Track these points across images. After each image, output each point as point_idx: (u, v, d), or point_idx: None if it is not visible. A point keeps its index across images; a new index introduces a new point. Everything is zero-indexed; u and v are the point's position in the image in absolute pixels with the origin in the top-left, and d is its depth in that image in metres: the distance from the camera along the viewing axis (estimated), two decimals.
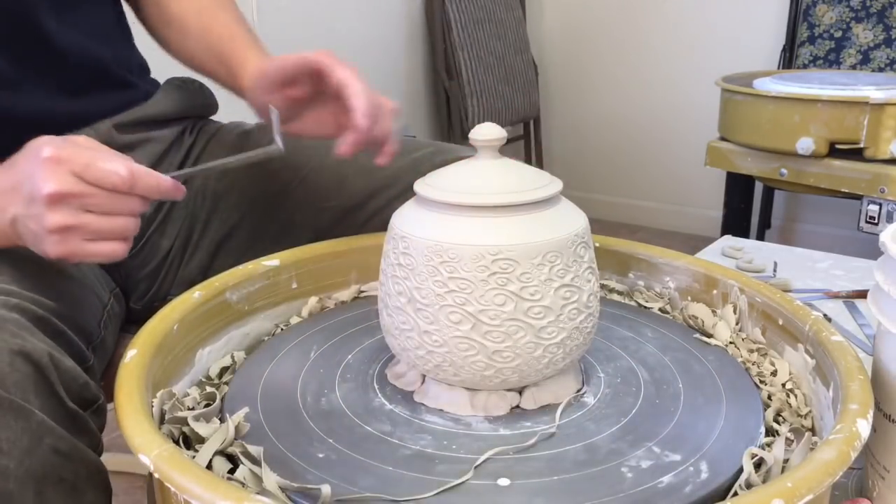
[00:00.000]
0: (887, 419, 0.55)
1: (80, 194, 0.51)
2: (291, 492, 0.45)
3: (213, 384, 0.61)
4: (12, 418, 0.46)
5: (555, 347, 0.53)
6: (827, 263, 1.18)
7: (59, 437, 0.49)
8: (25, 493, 0.47)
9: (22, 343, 0.49)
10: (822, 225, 2.41)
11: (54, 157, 0.51)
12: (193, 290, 0.63)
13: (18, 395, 0.47)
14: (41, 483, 0.48)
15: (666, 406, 0.55)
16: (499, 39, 2.39)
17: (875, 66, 2.16)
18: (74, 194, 0.51)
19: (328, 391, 0.57)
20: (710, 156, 1.82)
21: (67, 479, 0.50)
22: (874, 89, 1.52)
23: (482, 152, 0.56)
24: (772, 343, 0.64)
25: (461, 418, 0.54)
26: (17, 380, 0.47)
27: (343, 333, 0.66)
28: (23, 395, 0.47)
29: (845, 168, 1.57)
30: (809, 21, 2.22)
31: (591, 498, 0.45)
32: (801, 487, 0.40)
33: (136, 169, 0.53)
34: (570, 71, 2.73)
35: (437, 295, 0.51)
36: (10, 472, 0.46)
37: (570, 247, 0.53)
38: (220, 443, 0.49)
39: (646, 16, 2.57)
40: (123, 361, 0.52)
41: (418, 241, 0.52)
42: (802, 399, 0.58)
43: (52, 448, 0.48)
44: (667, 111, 2.59)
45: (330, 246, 0.74)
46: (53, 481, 0.48)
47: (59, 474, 0.49)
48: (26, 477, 0.47)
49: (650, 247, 0.75)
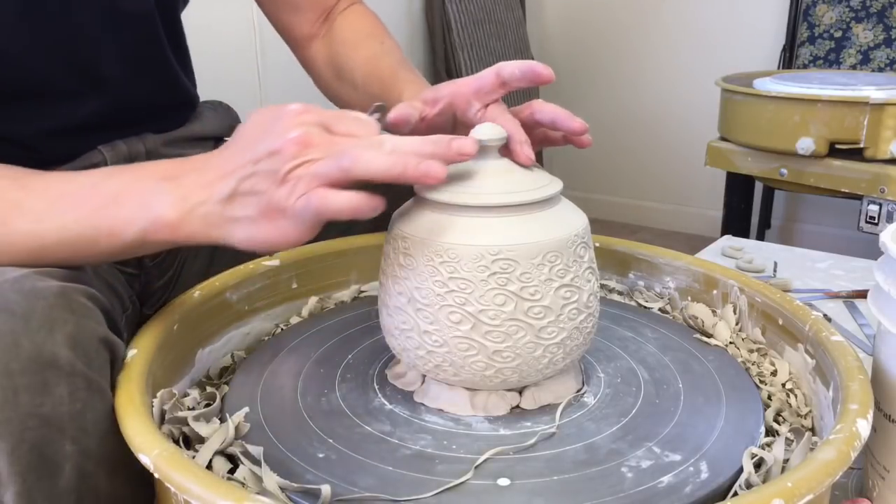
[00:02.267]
0: (887, 419, 0.55)
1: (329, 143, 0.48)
2: (291, 492, 0.45)
3: (213, 384, 0.61)
4: (97, 401, 0.48)
5: (555, 347, 0.53)
6: (827, 263, 1.18)
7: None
8: (100, 475, 0.48)
9: (105, 332, 0.50)
10: (822, 225, 2.42)
11: (301, 108, 0.49)
12: (193, 289, 0.63)
13: (102, 380, 0.49)
14: (114, 466, 0.49)
15: (666, 406, 0.55)
16: (499, 39, 2.40)
17: (875, 66, 2.16)
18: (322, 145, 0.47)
19: (328, 391, 0.57)
20: (710, 156, 1.82)
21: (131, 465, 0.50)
22: (874, 89, 1.52)
23: (482, 152, 0.56)
24: (772, 343, 0.64)
25: (461, 418, 0.54)
26: (101, 365, 0.49)
27: (343, 333, 0.66)
28: (104, 380, 0.49)
29: (845, 168, 1.57)
30: (809, 21, 2.23)
31: (591, 498, 0.45)
32: (801, 487, 0.40)
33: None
34: (570, 71, 2.73)
35: (437, 295, 0.51)
36: (91, 452, 0.47)
37: (570, 247, 0.53)
38: (220, 443, 0.49)
39: (646, 16, 2.57)
40: (124, 361, 0.52)
41: (418, 241, 0.52)
42: (802, 399, 0.58)
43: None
44: (667, 111, 2.59)
45: (330, 246, 0.74)
46: (122, 466, 0.49)
47: (126, 460, 0.49)
48: (103, 459, 0.48)
49: (650, 247, 0.75)
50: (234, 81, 1.71)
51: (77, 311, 0.48)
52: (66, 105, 0.68)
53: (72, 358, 0.46)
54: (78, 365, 0.47)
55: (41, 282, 0.48)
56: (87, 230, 0.51)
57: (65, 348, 0.46)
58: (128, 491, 0.51)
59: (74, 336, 0.47)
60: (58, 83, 0.68)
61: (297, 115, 0.49)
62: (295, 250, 0.72)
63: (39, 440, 0.45)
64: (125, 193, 0.51)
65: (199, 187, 0.50)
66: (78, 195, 0.52)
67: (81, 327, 0.48)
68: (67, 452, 0.46)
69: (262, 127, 0.50)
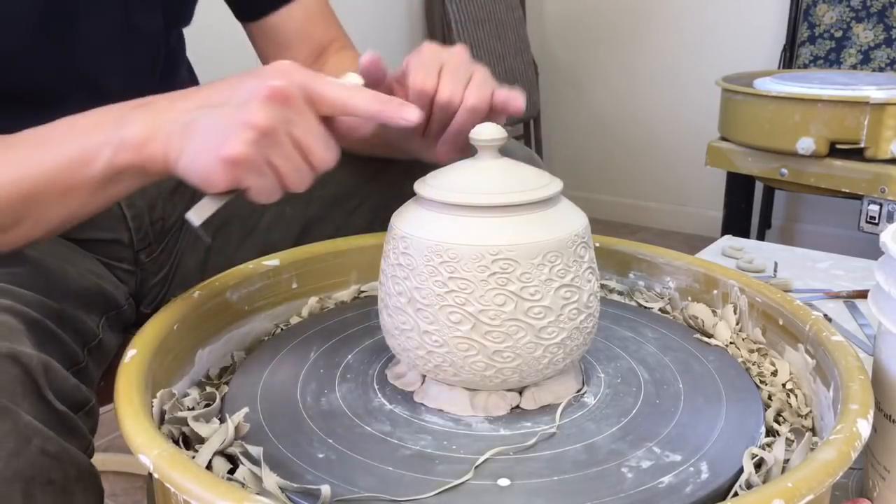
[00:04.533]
0: (887, 419, 0.55)
1: (298, 108, 0.51)
2: (291, 492, 0.45)
3: (213, 384, 0.61)
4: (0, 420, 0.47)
5: (555, 347, 0.53)
6: (827, 263, 1.18)
7: (47, 439, 0.49)
8: (13, 494, 0.47)
9: (10, 346, 0.49)
10: (822, 225, 2.42)
11: (291, 65, 0.52)
12: (193, 289, 0.63)
13: (6, 398, 0.47)
14: (29, 484, 0.47)
15: (666, 406, 0.55)
16: (499, 39, 2.40)
17: (875, 66, 2.16)
18: (294, 103, 0.51)
19: (328, 391, 0.57)
20: (710, 156, 1.82)
21: (57, 480, 0.49)
22: (875, 89, 1.52)
23: (482, 152, 0.56)
24: (772, 343, 0.64)
25: (461, 418, 0.54)
26: (5, 382, 0.47)
27: (343, 333, 0.66)
28: (10, 398, 0.47)
29: (846, 168, 1.57)
30: (810, 21, 2.23)
31: (591, 498, 0.45)
32: (802, 487, 0.40)
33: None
34: (570, 71, 2.73)
35: (437, 295, 0.51)
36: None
37: (570, 247, 0.53)
38: (219, 443, 0.49)
39: (646, 16, 2.57)
40: (123, 361, 0.52)
41: (418, 241, 0.52)
42: (803, 399, 0.58)
43: (41, 449, 0.48)
44: (667, 111, 2.59)
45: (330, 246, 0.74)
46: (42, 482, 0.48)
47: (48, 476, 0.49)
48: (14, 478, 0.47)
49: (650, 247, 0.75)
50: None
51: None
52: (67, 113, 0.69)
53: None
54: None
55: None
56: (64, 162, 0.53)
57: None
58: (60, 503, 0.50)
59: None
60: (59, 91, 0.68)
61: (283, 69, 0.52)
62: (295, 250, 0.72)
63: None
64: (100, 123, 0.54)
65: (170, 106, 0.53)
66: (56, 135, 0.54)
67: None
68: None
69: (247, 76, 0.52)
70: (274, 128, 0.50)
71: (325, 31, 0.87)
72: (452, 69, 0.60)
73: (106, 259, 0.75)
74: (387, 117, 0.54)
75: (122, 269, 0.77)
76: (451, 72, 0.60)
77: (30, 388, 0.49)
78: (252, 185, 0.52)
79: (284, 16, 0.84)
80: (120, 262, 0.77)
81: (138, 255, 0.79)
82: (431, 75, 0.60)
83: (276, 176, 0.52)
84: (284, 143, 0.51)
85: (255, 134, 0.49)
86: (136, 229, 0.78)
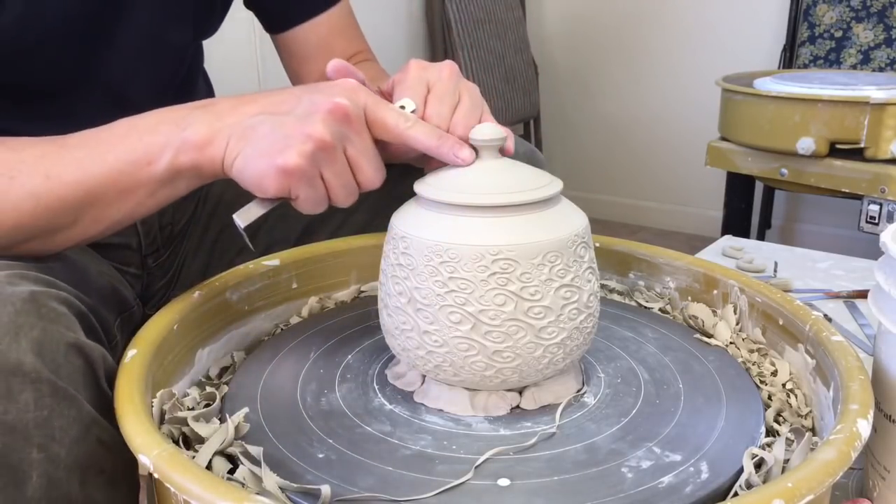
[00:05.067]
0: (887, 419, 0.55)
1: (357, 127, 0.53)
2: (291, 492, 0.45)
3: (213, 384, 0.61)
4: (66, 407, 0.47)
5: (555, 347, 0.53)
6: (827, 263, 1.18)
7: (104, 429, 0.50)
8: (72, 482, 0.48)
9: (76, 337, 0.49)
10: (822, 225, 2.41)
11: (357, 86, 0.54)
12: (193, 289, 0.63)
13: (72, 386, 0.48)
14: (86, 473, 0.49)
15: (666, 406, 0.55)
16: (499, 39, 2.40)
17: (875, 66, 2.16)
18: (353, 123, 0.53)
19: (328, 391, 0.57)
20: (710, 156, 1.82)
21: (107, 470, 0.50)
22: (875, 89, 1.52)
23: (482, 152, 0.56)
24: (772, 343, 0.64)
25: (461, 418, 0.54)
26: (70, 371, 0.48)
27: (343, 333, 0.66)
28: (75, 387, 0.48)
29: (846, 168, 1.57)
30: (810, 21, 2.22)
31: (591, 498, 0.45)
32: (802, 487, 0.40)
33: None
34: (570, 71, 2.73)
35: (437, 295, 0.51)
36: (60, 459, 0.47)
37: (570, 247, 0.53)
38: (219, 443, 0.49)
39: (646, 16, 2.57)
40: (123, 361, 0.52)
41: (418, 241, 0.52)
42: (803, 399, 0.58)
43: (98, 439, 0.49)
44: (667, 111, 2.59)
45: (330, 246, 0.74)
46: (96, 472, 0.49)
47: (101, 465, 0.50)
48: (74, 465, 0.48)
49: (650, 247, 0.75)
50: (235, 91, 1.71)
51: (45, 316, 0.48)
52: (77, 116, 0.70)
53: (37, 364, 0.46)
54: (44, 371, 0.46)
55: (12, 286, 0.48)
56: (126, 161, 0.53)
57: (30, 354, 0.46)
58: (103, 496, 0.50)
59: (41, 342, 0.46)
60: (75, 93, 0.68)
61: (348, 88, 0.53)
62: (295, 250, 0.72)
63: (3, 448, 0.44)
64: (161, 123, 0.54)
65: (232, 110, 0.54)
66: (116, 135, 0.55)
67: (48, 333, 0.47)
68: (34, 460, 0.46)
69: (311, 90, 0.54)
70: (331, 143, 0.52)
71: (347, 45, 0.87)
72: (439, 95, 0.58)
73: (115, 263, 0.75)
74: (442, 154, 0.55)
75: (131, 273, 0.77)
76: (437, 97, 0.58)
77: (90, 378, 0.50)
78: (301, 195, 0.53)
79: (308, 30, 0.85)
80: (128, 267, 0.77)
81: (146, 259, 0.79)
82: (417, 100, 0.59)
83: (325, 189, 0.54)
84: (339, 159, 0.53)
85: (314, 147, 0.51)
86: (145, 234, 0.78)
